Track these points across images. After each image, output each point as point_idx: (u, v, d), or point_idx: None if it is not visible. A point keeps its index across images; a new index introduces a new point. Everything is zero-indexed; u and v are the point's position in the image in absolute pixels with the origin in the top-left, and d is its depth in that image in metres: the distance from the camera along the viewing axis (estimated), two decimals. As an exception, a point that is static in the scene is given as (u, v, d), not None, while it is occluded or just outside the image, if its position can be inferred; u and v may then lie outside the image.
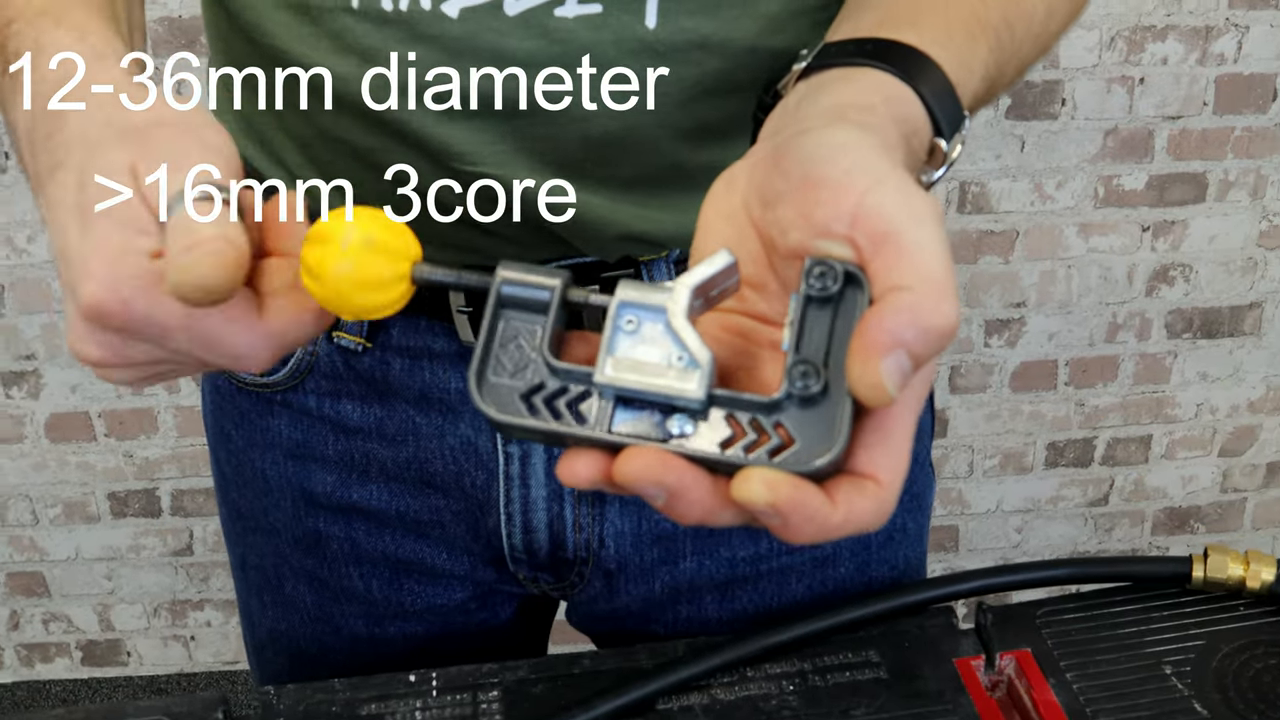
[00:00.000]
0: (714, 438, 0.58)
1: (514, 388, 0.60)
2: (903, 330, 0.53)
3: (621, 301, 0.59)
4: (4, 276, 2.31)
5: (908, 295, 0.54)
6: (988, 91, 0.75)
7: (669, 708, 0.88)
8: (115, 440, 2.47)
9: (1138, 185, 2.38)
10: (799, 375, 0.57)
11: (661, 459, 0.55)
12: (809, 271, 0.58)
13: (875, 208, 0.56)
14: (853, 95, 0.64)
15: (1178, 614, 0.94)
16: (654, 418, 0.58)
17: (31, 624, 2.66)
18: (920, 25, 0.70)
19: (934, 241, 0.56)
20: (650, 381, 0.58)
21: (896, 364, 0.53)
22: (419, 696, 0.90)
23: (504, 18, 0.79)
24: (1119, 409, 2.59)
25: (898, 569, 1.06)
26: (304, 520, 1.03)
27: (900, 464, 0.58)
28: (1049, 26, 0.81)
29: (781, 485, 0.54)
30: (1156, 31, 2.26)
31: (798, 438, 0.57)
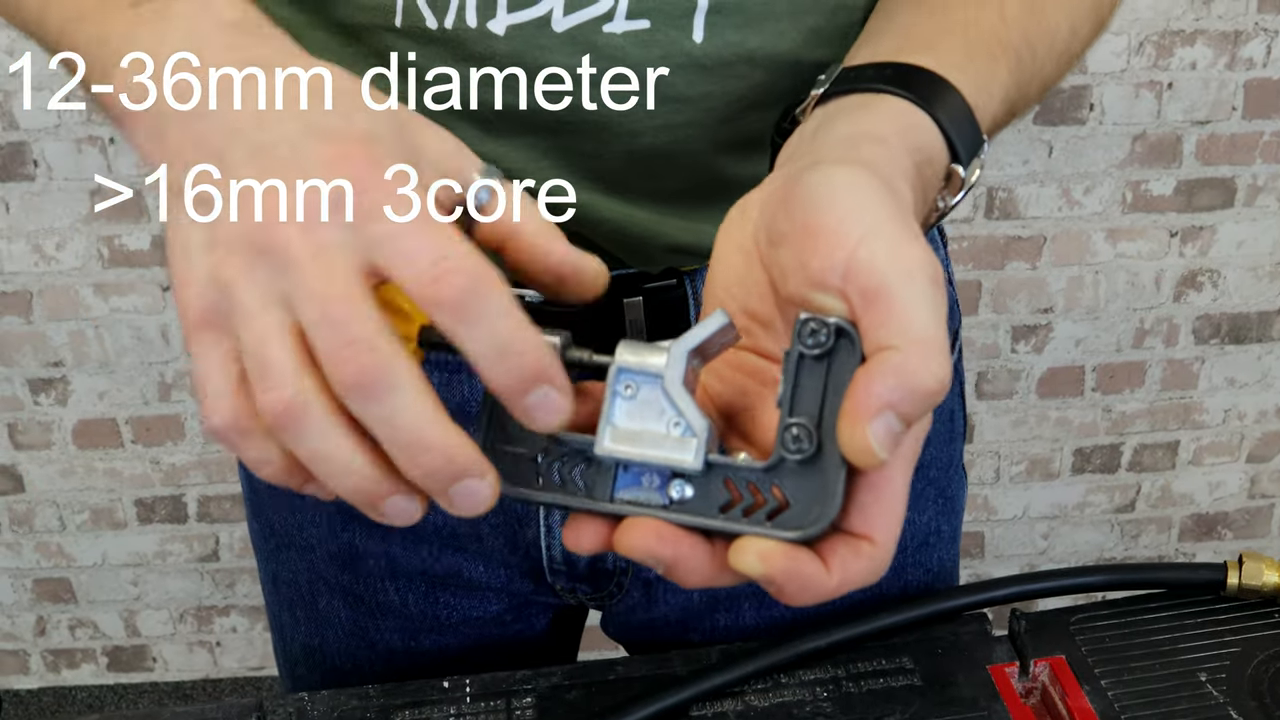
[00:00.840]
0: (713, 501, 0.59)
1: (518, 455, 0.60)
2: (890, 393, 0.53)
3: (620, 367, 0.60)
4: (33, 284, 2.32)
5: (895, 356, 0.54)
6: (1008, 113, 0.75)
7: (703, 714, 0.88)
8: (142, 447, 2.48)
9: (1166, 190, 2.38)
10: (791, 439, 0.58)
11: (658, 532, 0.57)
12: (801, 329, 0.58)
13: (866, 262, 0.56)
14: (867, 125, 0.64)
15: (1212, 621, 0.94)
16: (654, 482, 0.59)
17: (58, 630, 2.67)
18: (939, 49, 0.69)
19: (924, 298, 0.55)
20: (648, 453, 0.59)
21: (885, 426, 0.54)
22: (453, 703, 0.90)
23: (551, 34, 0.79)
24: (1146, 415, 2.59)
25: (932, 572, 1.05)
26: (339, 535, 1.02)
27: (894, 523, 0.58)
28: (1072, 45, 0.80)
29: (775, 557, 0.55)
30: (1185, 36, 2.25)
31: (793, 500, 0.58)
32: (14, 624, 2.65)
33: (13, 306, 2.34)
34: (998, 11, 0.74)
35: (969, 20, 0.73)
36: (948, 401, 1.03)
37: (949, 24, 0.73)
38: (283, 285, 0.54)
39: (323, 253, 0.53)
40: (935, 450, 1.03)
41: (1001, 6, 0.74)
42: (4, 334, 2.36)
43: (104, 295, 2.34)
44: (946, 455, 1.04)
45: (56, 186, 2.25)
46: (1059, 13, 0.78)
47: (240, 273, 0.54)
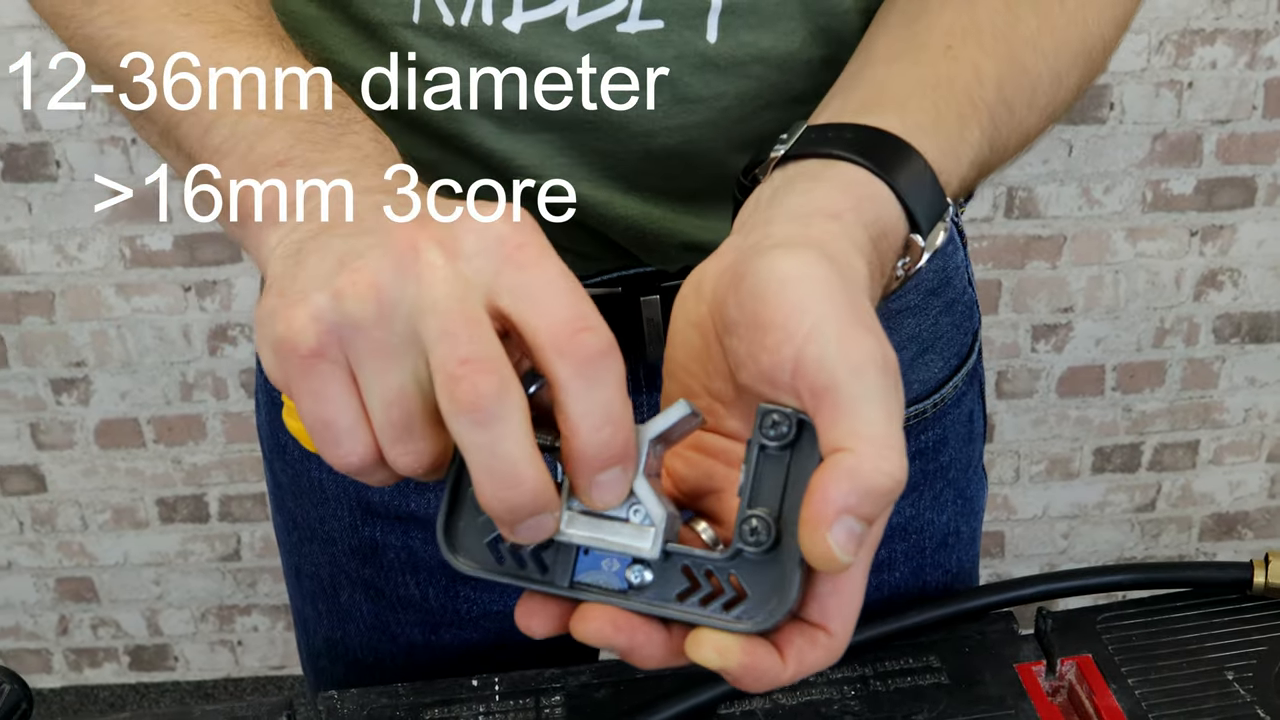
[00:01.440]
0: (671, 588, 0.58)
1: (480, 532, 0.60)
2: (846, 497, 0.53)
3: None
4: (55, 284, 2.33)
5: (849, 458, 0.53)
6: (979, 174, 0.73)
7: (730, 712, 0.88)
8: (164, 446, 2.49)
9: (1186, 190, 2.37)
10: (749, 531, 0.58)
11: (614, 620, 0.57)
12: (763, 420, 0.58)
13: (814, 360, 0.55)
14: (822, 198, 0.63)
15: (1239, 620, 0.94)
16: (614, 565, 0.59)
17: (80, 629, 2.68)
18: (907, 109, 0.68)
19: (874, 394, 0.55)
20: (607, 540, 0.59)
21: (846, 531, 0.53)
22: (482, 701, 0.90)
23: (566, 33, 0.79)
24: (1166, 414, 2.58)
25: (951, 573, 1.06)
26: (361, 530, 1.03)
27: (851, 613, 0.58)
28: (1057, 94, 0.78)
29: (732, 651, 0.56)
30: (1205, 35, 2.25)
31: (750, 590, 0.58)
32: (36, 623, 2.66)
33: (35, 307, 2.35)
34: (973, 69, 0.72)
35: (941, 78, 0.71)
36: (967, 402, 1.03)
37: (920, 81, 0.71)
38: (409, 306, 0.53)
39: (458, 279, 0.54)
40: (954, 451, 1.03)
41: (977, 63, 0.72)
42: (27, 334, 2.37)
43: (126, 295, 2.35)
44: (965, 456, 1.04)
45: (79, 187, 2.26)
46: (1039, 64, 0.76)
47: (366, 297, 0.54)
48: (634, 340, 0.91)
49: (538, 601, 0.59)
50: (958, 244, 1.00)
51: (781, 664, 0.57)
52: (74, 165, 2.24)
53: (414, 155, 0.86)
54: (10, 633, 2.67)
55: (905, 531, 1.02)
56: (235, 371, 2.42)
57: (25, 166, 2.24)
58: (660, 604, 0.58)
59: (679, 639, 0.57)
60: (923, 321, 0.97)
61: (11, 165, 2.24)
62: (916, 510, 1.02)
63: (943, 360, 0.99)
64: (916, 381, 0.97)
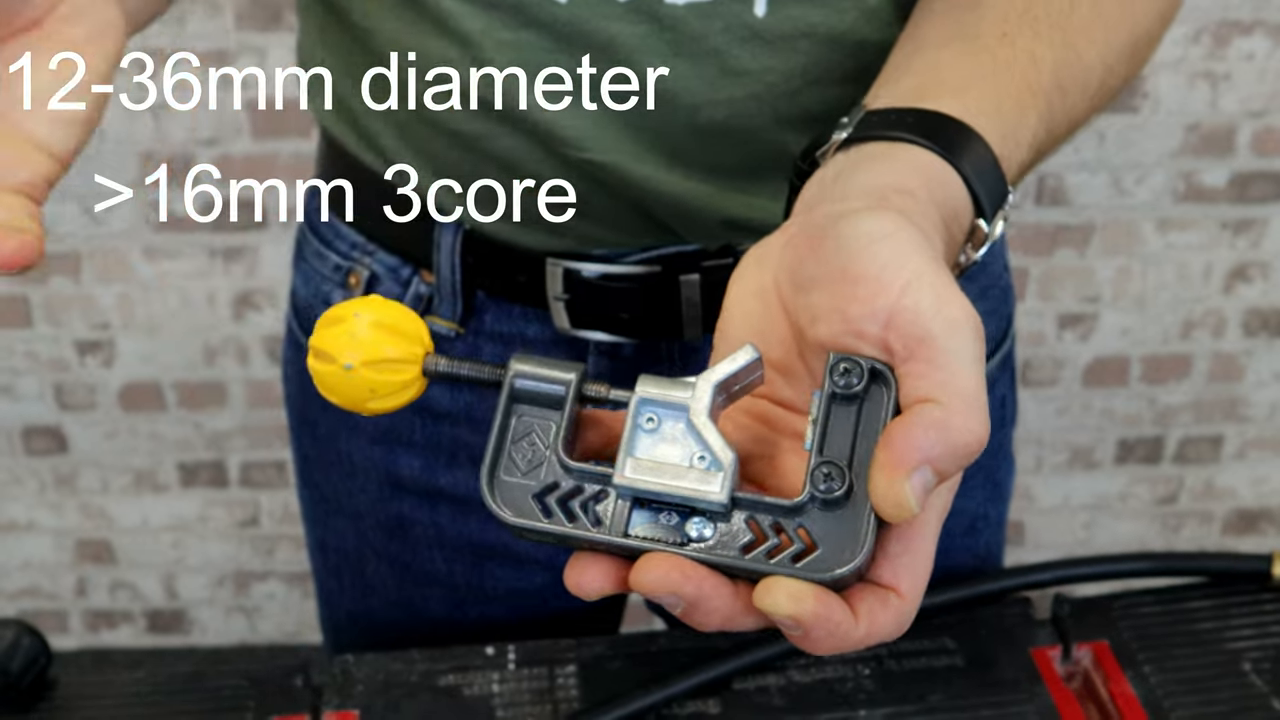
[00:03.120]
0: (734, 542, 0.56)
1: (527, 487, 0.58)
2: (930, 447, 0.52)
3: (642, 398, 0.58)
4: (81, 245, 2.34)
5: (937, 411, 0.53)
6: (1034, 159, 0.73)
7: (745, 687, 0.88)
8: (186, 411, 2.50)
9: (1219, 182, 2.36)
10: (822, 478, 0.56)
11: (680, 568, 0.54)
12: (833, 368, 0.57)
13: (911, 310, 0.55)
14: (893, 177, 0.62)
15: (1257, 611, 0.94)
16: (672, 520, 0.57)
17: (98, 591, 2.69)
18: (967, 94, 0.68)
19: (968, 352, 0.55)
20: (671, 484, 0.56)
21: (922, 481, 0.53)
22: (496, 669, 0.90)
23: (613, 3, 0.79)
24: (1191, 407, 2.57)
25: (979, 556, 1.05)
26: (389, 504, 1.03)
27: (922, 576, 0.57)
28: (1107, 82, 0.78)
29: (806, 599, 0.54)
30: (1243, 26, 2.23)
31: (820, 542, 0.56)
32: (55, 584, 2.68)
33: (62, 268, 2.36)
34: (1029, 54, 0.72)
35: (999, 63, 0.71)
36: (999, 388, 1.03)
37: (978, 67, 0.71)
38: None
39: None
40: (986, 436, 1.02)
41: (1033, 50, 0.72)
42: (52, 295, 2.38)
43: (152, 259, 2.35)
44: (996, 441, 1.04)
45: (108, 150, 2.27)
46: (1093, 52, 0.76)
47: None
48: (672, 320, 0.91)
49: (590, 558, 0.57)
50: None
51: (854, 620, 0.55)
52: (103, 128, 2.24)
53: (454, 126, 0.87)
54: (29, 593, 2.68)
55: None
56: (259, 338, 2.42)
57: (55, 128, 2.25)
58: (726, 556, 0.56)
59: (745, 596, 0.55)
60: None
61: (42, 126, 2.25)
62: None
63: None
64: None
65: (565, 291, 0.90)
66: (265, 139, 2.27)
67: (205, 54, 2.19)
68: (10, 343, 2.42)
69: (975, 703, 0.87)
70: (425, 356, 0.60)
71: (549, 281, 0.89)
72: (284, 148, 2.27)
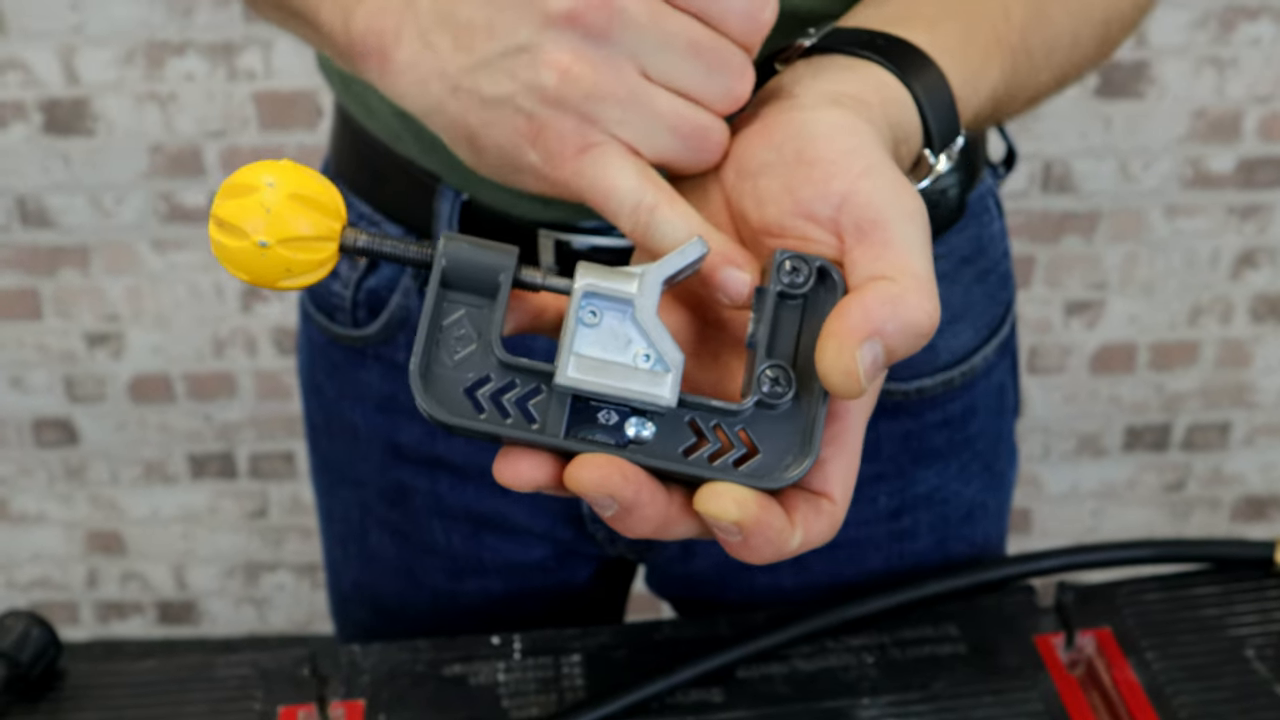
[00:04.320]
0: (675, 443, 0.55)
1: (458, 380, 0.55)
2: (885, 320, 0.52)
3: (585, 291, 0.55)
4: (91, 237, 2.34)
5: (892, 286, 0.53)
6: (992, 113, 0.73)
7: (749, 676, 0.89)
8: (195, 402, 2.50)
9: (1226, 168, 2.36)
10: (769, 381, 0.55)
11: (620, 469, 0.53)
12: (780, 266, 0.55)
13: (867, 195, 0.55)
14: (851, 87, 0.63)
15: (1260, 598, 0.94)
16: (611, 419, 0.55)
17: (108, 582, 2.70)
18: (936, 30, 0.68)
19: (921, 241, 0.55)
20: (617, 385, 0.54)
21: (872, 353, 0.52)
22: (502, 658, 0.91)
23: None
24: (1199, 394, 2.57)
25: (977, 545, 1.06)
26: (389, 472, 1.04)
27: (851, 480, 0.57)
28: (1073, 55, 0.79)
29: (750, 505, 0.53)
30: (1249, 11, 2.23)
31: (762, 446, 0.55)
32: (65, 575, 2.69)
33: (71, 260, 2.37)
34: (1003, 9, 0.73)
35: (971, 10, 0.72)
36: (998, 375, 1.03)
37: (951, 9, 0.71)
38: None
39: None
40: (983, 423, 1.03)
41: (1007, 5, 0.73)
42: (62, 287, 2.39)
43: (161, 251, 2.36)
44: (995, 429, 1.04)
45: (116, 143, 2.27)
46: (1063, 20, 0.76)
47: None
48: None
49: (523, 450, 0.55)
50: (994, 213, 1.00)
51: (790, 528, 0.54)
52: (112, 121, 2.25)
53: None
54: (39, 584, 2.69)
55: (930, 501, 1.02)
56: (267, 329, 2.43)
57: (64, 121, 2.26)
58: (667, 459, 0.54)
59: (680, 500, 0.55)
60: (953, 290, 0.96)
61: (51, 119, 2.25)
62: (942, 480, 1.02)
63: (973, 330, 0.99)
64: (945, 350, 0.97)
65: (557, 263, 0.90)
66: (273, 130, 2.28)
67: (213, 45, 2.20)
68: (20, 335, 2.43)
69: (979, 690, 0.87)
70: (343, 231, 0.56)
71: (541, 253, 0.90)
72: (291, 139, 2.28)
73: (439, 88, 0.61)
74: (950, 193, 0.93)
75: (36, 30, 2.18)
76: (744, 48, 0.60)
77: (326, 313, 1.02)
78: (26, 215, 2.33)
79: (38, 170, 2.29)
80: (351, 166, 0.99)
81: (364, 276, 0.98)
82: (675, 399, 0.54)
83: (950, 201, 0.93)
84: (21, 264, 2.37)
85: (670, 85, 0.59)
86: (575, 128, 0.58)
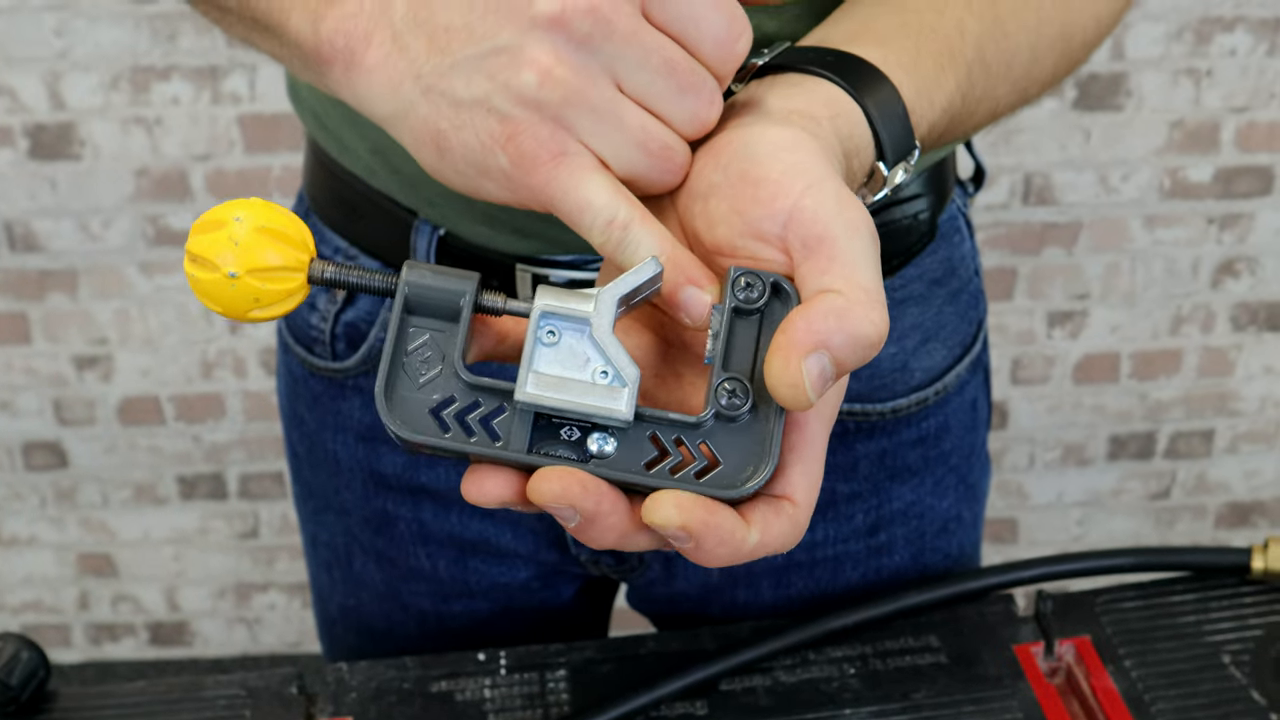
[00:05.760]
0: (637, 458, 0.56)
1: (423, 401, 0.56)
2: (830, 333, 0.53)
3: (543, 311, 0.56)
4: (79, 262, 2.35)
5: (838, 299, 0.54)
6: (949, 127, 0.74)
7: (732, 689, 0.90)
8: (184, 424, 2.51)
9: (1204, 177, 2.37)
10: (726, 394, 0.55)
11: (580, 480, 0.54)
12: (734, 282, 0.56)
13: (811, 211, 0.56)
14: (800, 103, 0.64)
15: (1237, 604, 0.95)
16: (573, 435, 0.56)
17: (100, 604, 2.70)
18: (889, 45, 0.69)
19: (867, 253, 0.56)
20: (575, 401, 0.55)
21: (819, 365, 0.53)
22: (488, 675, 0.92)
23: None
24: (1182, 402, 2.58)
25: (951, 557, 1.07)
26: (373, 500, 1.05)
27: (815, 483, 0.57)
28: (1032, 71, 0.79)
29: (694, 508, 0.53)
30: (1224, 23, 2.25)
31: (723, 458, 0.55)
32: (57, 598, 2.69)
33: (59, 284, 2.37)
34: (957, 24, 0.73)
35: (925, 26, 0.72)
36: (970, 390, 1.04)
37: (904, 25, 0.72)
38: None
39: None
40: (957, 438, 1.04)
41: (962, 20, 0.74)
42: (50, 311, 2.39)
43: (149, 274, 2.37)
44: (969, 443, 1.05)
45: (103, 167, 2.28)
46: (1020, 35, 0.77)
47: None
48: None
49: (489, 468, 0.56)
50: (964, 234, 1.01)
51: (745, 527, 0.55)
52: (99, 145, 2.26)
53: None
54: (31, 607, 2.69)
55: (906, 516, 1.03)
56: (255, 351, 2.44)
57: (50, 145, 2.26)
58: (628, 472, 0.55)
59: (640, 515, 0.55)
60: (926, 311, 0.97)
61: (37, 144, 2.26)
62: (918, 496, 1.03)
63: (946, 349, 1.00)
64: (919, 370, 0.98)
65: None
66: (258, 153, 2.28)
67: (198, 69, 2.21)
68: (9, 359, 2.44)
69: (959, 699, 0.88)
70: (311, 263, 0.58)
71: (519, 286, 0.91)
72: (276, 161, 2.29)
73: (410, 89, 0.60)
74: (921, 216, 0.94)
75: (22, 56, 2.19)
76: (716, 75, 0.60)
77: (305, 345, 1.03)
78: (14, 240, 2.33)
79: (25, 195, 2.30)
80: (327, 202, 0.99)
81: (342, 309, 0.98)
82: (631, 413, 0.55)
83: (921, 225, 0.94)
84: (10, 288, 2.38)
85: (642, 101, 0.59)
86: (550, 133, 0.59)
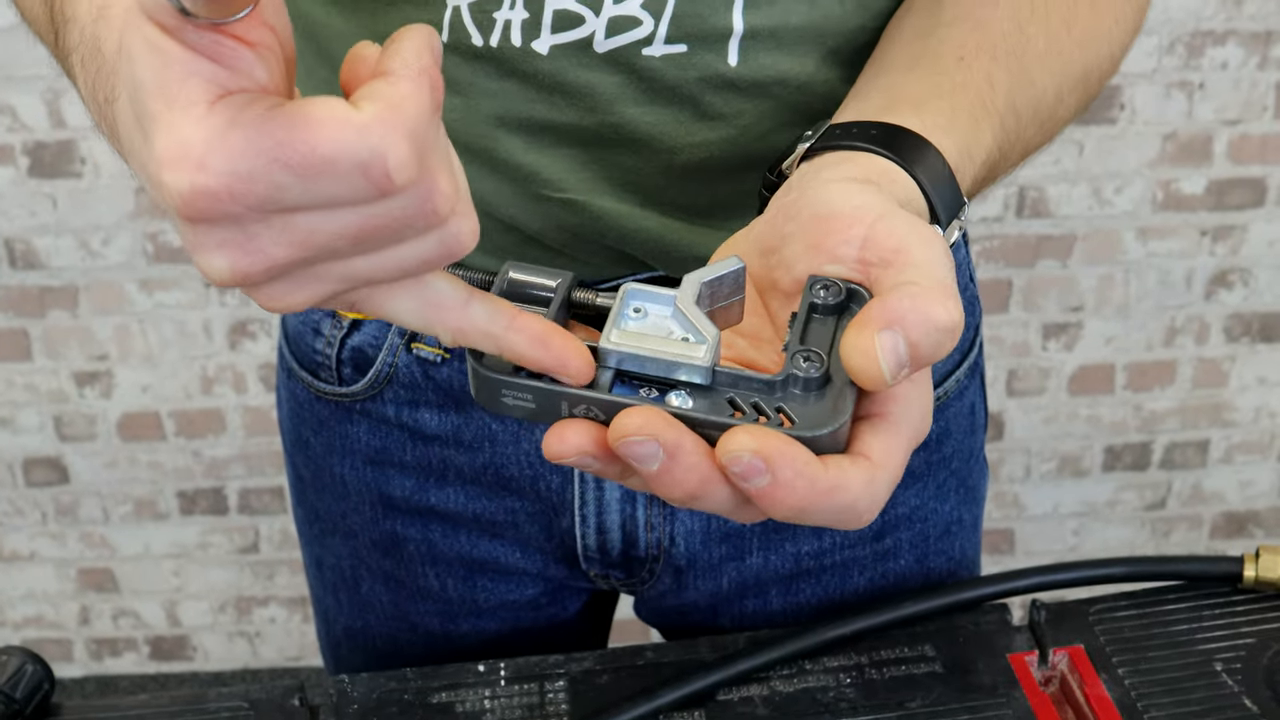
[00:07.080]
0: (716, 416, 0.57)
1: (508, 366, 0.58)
2: (905, 312, 0.54)
3: (631, 291, 0.59)
4: (79, 278, 2.36)
5: (915, 289, 0.55)
6: (988, 176, 0.76)
7: (729, 698, 0.90)
8: (184, 439, 2.52)
9: (1197, 190, 2.38)
10: (802, 359, 0.57)
11: (664, 417, 0.55)
12: (811, 285, 0.59)
13: (886, 231, 0.58)
14: (855, 173, 0.65)
15: (1229, 612, 0.95)
16: (652, 394, 0.57)
17: (101, 619, 2.70)
18: (924, 110, 0.71)
19: (942, 259, 0.57)
20: (657, 348, 0.57)
21: (892, 342, 0.54)
22: (488, 686, 0.92)
23: (593, 55, 0.81)
24: (1177, 413, 2.59)
25: (954, 560, 1.08)
26: (382, 523, 1.05)
27: (895, 455, 0.57)
28: (1057, 112, 0.81)
29: (769, 436, 0.54)
30: (1216, 36, 2.26)
31: (799, 420, 0.56)
32: (58, 613, 2.69)
33: (60, 301, 2.38)
34: (985, 76, 0.75)
35: (956, 85, 0.74)
36: (969, 395, 1.05)
37: (936, 87, 0.74)
38: None
39: None
40: (957, 442, 1.05)
41: (989, 72, 0.75)
42: (51, 327, 2.40)
43: (149, 290, 2.38)
44: (968, 447, 1.07)
45: (103, 184, 2.29)
46: (1046, 78, 0.79)
47: None
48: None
49: (569, 422, 0.57)
50: (959, 242, 1.03)
51: (821, 465, 0.55)
52: (99, 163, 2.27)
53: None
54: (33, 622, 2.70)
55: (910, 520, 1.04)
56: (255, 366, 2.44)
57: (51, 163, 2.27)
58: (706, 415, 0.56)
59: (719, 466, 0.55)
60: None
61: (37, 162, 2.27)
62: (921, 500, 1.04)
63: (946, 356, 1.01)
64: None
65: None
66: (256, 169, 2.29)
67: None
68: (10, 375, 2.45)
69: (954, 708, 0.89)
70: None
71: None
72: (275, 177, 2.29)
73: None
74: None
75: (22, 75, 2.20)
76: None
77: (310, 370, 1.03)
78: (15, 257, 2.34)
79: (25, 213, 2.31)
80: None
81: (347, 334, 0.99)
82: (710, 361, 0.57)
83: None
84: (11, 305, 2.39)
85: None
86: None
